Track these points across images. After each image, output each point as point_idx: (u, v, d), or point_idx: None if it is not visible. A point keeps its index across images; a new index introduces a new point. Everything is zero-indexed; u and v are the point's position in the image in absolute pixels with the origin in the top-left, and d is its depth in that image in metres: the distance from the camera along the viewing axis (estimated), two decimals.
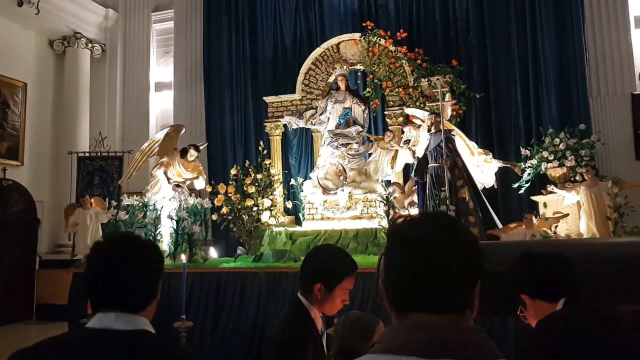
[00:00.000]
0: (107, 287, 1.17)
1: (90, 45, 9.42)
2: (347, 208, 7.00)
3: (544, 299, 1.66)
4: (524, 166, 6.35)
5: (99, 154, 8.36)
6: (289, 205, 7.52)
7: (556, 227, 5.68)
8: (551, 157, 6.12)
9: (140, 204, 6.65)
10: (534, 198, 6.27)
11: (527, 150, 6.37)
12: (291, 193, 7.75)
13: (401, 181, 7.10)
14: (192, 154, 7.01)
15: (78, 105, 9.05)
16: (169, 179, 6.89)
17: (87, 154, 8.45)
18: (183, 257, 4.71)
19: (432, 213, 1.65)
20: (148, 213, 6.53)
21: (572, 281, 1.65)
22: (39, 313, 7.99)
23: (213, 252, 6.78)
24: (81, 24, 9.26)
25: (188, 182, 7.03)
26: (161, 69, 9.60)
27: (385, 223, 6.25)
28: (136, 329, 1.14)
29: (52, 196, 8.66)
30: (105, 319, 1.13)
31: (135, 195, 6.95)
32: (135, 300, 1.17)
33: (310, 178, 7.37)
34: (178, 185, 6.90)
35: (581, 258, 1.74)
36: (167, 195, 6.81)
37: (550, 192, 5.98)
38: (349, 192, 6.94)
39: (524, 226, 5.66)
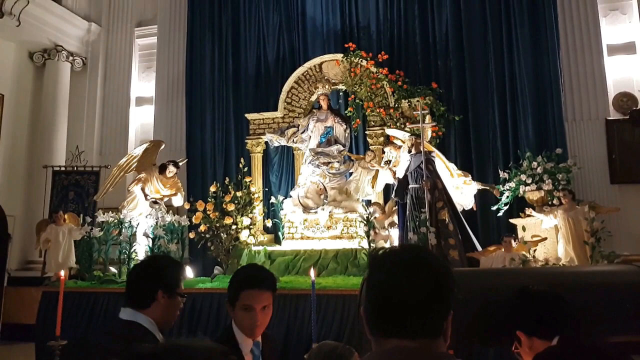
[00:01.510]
0: None
1: (71, 58, 9.31)
2: (328, 227, 6.94)
3: (540, 336, 1.66)
4: (502, 189, 6.41)
5: (75, 168, 8.18)
6: (269, 223, 7.44)
7: (534, 250, 5.72)
8: (529, 181, 6.19)
9: (116, 220, 6.50)
10: (512, 221, 6.32)
11: (505, 173, 6.44)
12: (271, 211, 7.67)
13: (382, 201, 7.09)
14: (171, 170, 6.91)
15: (56, 118, 8.89)
16: (146, 196, 6.76)
17: (62, 168, 8.26)
18: None
19: (408, 245, 1.68)
20: (123, 230, 6.37)
21: (567, 319, 1.66)
22: (5, 332, 7.66)
23: (189, 272, 6.63)
24: (63, 37, 9.16)
25: (166, 199, 6.90)
26: (142, 83, 9.52)
27: (365, 244, 6.21)
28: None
29: (25, 211, 8.42)
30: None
31: (111, 212, 6.79)
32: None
33: (291, 196, 7.31)
34: (155, 202, 6.78)
35: (571, 288, 1.74)
36: (144, 212, 6.68)
37: (529, 215, 6.03)
38: (330, 211, 6.90)
39: (502, 249, 5.68)
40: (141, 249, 6.33)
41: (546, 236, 5.90)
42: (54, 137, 8.81)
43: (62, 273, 4.59)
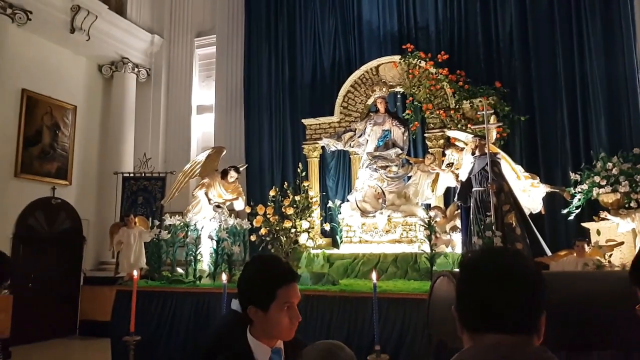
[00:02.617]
0: None
1: (136, 69, 9.82)
2: (386, 231, 6.88)
3: None
4: (573, 191, 6.09)
5: (142, 174, 8.61)
6: (327, 227, 7.47)
7: (610, 255, 5.39)
8: (603, 182, 5.85)
9: (182, 223, 6.76)
10: (585, 225, 6.00)
11: (577, 175, 6.12)
12: (329, 215, 7.70)
13: (442, 205, 6.94)
14: (233, 175, 7.10)
15: (123, 127, 9.41)
16: (209, 200, 6.99)
17: (131, 174, 8.71)
18: (224, 277, 4.71)
19: (499, 247, 1.65)
20: (189, 233, 6.61)
21: None
22: (82, 329, 8.17)
23: None
24: (128, 50, 9.69)
25: (228, 203, 7.11)
26: (203, 92, 9.89)
27: (426, 247, 6.09)
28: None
29: (98, 215, 8.95)
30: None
31: (177, 215, 7.08)
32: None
33: (348, 200, 7.31)
34: (218, 206, 7.00)
35: None
36: (208, 215, 6.91)
37: (603, 219, 5.70)
38: (388, 215, 6.83)
39: (575, 254, 5.40)
40: (206, 251, 6.55)
41: (623, 240, 5.55)
42: (123, 145, 9.32)
43: (135, 273, 4.84)
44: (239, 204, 7.13)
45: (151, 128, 9.66)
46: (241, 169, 7.41)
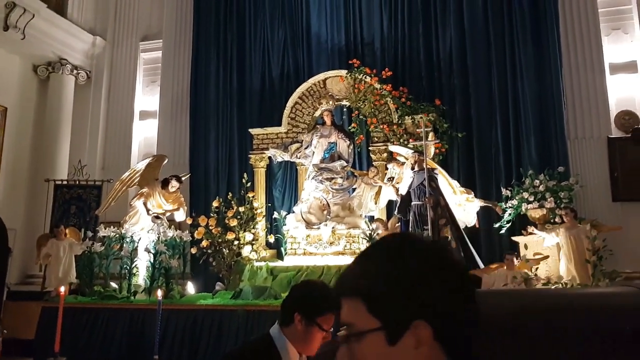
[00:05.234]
0: None
1: (75, 71, 9.36)
2: (330, 243, 6.93)
3: None
4: (504, 206, 6.41)
5: (77, 182, 8.18)
6: (272, 239, 7.42)
7: (537, 269, 5.71)
8: (531, 198, 6.21)
9: (117, 235, 6.49)
10: (514, 238, 6.32)
11: (507, 191, 6.46)
12: (274, 227, 7.66)
13: (385, 217, 7.08)
14: (174, 185, 6.91)
15: (59, 131, 8.92)
16: (148, 210, 6.75)
17: (64, 182, 8.25)
18: (159, 293, 4.56)
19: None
20: (125, 245, 6.36)
21: None
22: (3, 347, 7.58)
23: (191, 288, 6.60)
24: (67, 50, 9.23)
25: (168, 214, 6.89)
26: (147, 97, 9.57)
27: None
28: None
29: (26, 224, 8.39)
30: None
31: (112, 226, 6.78)
32: None
33: (294, 212, 7.31)
34: (157, 217, 6.77)
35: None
36: (146, 226, 6.67)
37: (531, 233, 6.03)
38: (333, 227, 6.88)
39: (505, 267, 5.68)
40: (142, 265, 6.31)
41: (548, 254, 5.90)
42: (57, 150, 8.82)
43: (62, 289, 4.58)
44: (180, 215, 6.93)
45: (89, 133, 9.22)
46: (183, 179, 7.21)
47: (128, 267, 6.09)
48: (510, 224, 6.46)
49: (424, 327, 0.74)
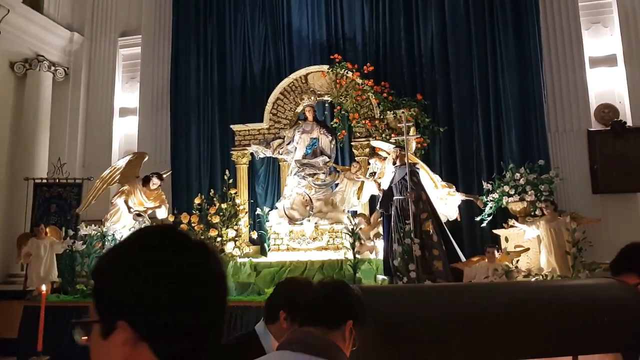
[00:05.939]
0: None
1: (53, 68, 9.17)
2: (313, 239, 6.93)
3: None
4: (486, 200, 6.47)
5: (57, 180, 8.04)
6: (254, 235, 7.40)
7: (517, 261, 5.77)
8: (512, 192, 6.26)
9: (99, 233, 6.42)
10: (495, 231, 6.38)
11: (488, 184, 6.50)
12: (257, 223, 7.63)
13: (367, 212, 7.10)
14: (155, 182, 6.85)
15: (37, 129, 8.74)
16: (129, 208, 6.69)
17: (44, 181, 8.11)
18: None
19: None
20: (106, 243, 6.31)
21: None
22: None
23: None
24: (44, 47, 9.03)
25: (150, 212, 6.84)
26: (126, 94, 9.43)
27: (351, 255, 6.20)
28: None
29: (5, 223, 8.23)
30: None
31: (93, 225, 6.69)
32: None
33: (277, 208, 7.29)
34: (139, 215, 6.72)
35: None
36: (127, 224, 6.62)
37: (511, 226, 6.10)
38: (315, 223, 6.88)
39: (486, 260, 5.73)
40: None
41: (529, 247, 5.97)
42: (36, 148, 8.65)
43: (44, 288, 4.53)
44: (162, 213, 6.88)
45: (68, 131, 9.05)
46: (164, 176, 7.16)
47: None
48: (491, 217, 6.51)
49: (124, 327, 0.73)
